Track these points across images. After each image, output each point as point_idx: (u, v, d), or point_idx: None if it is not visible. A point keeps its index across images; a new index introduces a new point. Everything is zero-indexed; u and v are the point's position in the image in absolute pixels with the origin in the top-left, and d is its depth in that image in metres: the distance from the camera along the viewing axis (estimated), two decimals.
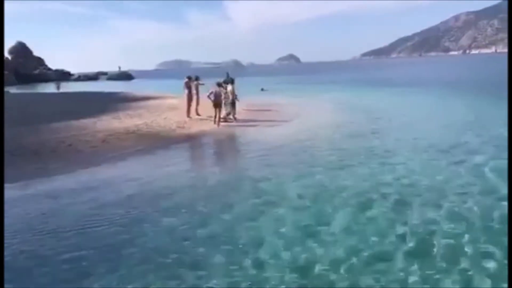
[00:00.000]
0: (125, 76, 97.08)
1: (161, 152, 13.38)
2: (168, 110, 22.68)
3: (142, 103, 26.12)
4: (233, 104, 19.54)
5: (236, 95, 19.75)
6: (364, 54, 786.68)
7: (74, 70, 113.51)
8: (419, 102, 24.88)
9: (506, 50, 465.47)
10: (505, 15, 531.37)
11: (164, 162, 11.90)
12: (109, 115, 20.81)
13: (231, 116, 19.54)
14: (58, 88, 46.94)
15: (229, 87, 19.48)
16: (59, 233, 6.88)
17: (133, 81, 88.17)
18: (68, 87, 56.04)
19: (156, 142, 15.01)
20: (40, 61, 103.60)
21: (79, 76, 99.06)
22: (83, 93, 39.84)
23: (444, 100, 24.62)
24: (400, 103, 24.38)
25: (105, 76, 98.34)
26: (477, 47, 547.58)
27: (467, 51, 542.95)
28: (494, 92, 26.13)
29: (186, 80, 20.76)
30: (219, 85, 18.92)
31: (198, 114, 20.33)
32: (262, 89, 38.60)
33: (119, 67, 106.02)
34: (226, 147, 15.35)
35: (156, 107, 24.06)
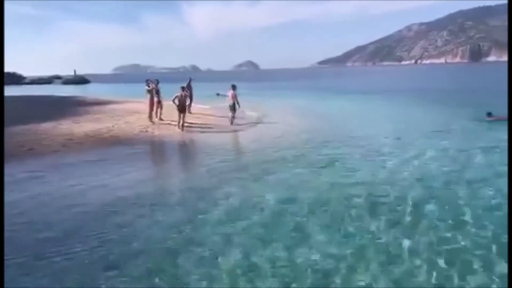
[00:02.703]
0: (81, 80, 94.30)
1: (122, 157, 13.09)
2: (129, 114, 22.36)
3: (102, 108, 25.63)
4: (233, 108, 19.51)
5: (237, 101, 19.59)
6: (321, 62, 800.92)
7: (27, 73, 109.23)
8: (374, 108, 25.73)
9: (454, 60, 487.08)
10: (454, 27, 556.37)
11: (125, 168, 11.64)
12: (69, 119, 20.33)
13: (233, 118, 19.56)
14: None
15: (231, 92, 19.55)
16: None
17: (89, 85, 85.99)
18: (22, 90, 54.02)
19: (118, 146, 14.79)
20: None
21: (33, 80, 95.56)
22: (39, 96, 38.50)
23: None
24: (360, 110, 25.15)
25: (60, 80, 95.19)
26: (428, 57, 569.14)
27: (419, 61, 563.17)
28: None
29: (147, 84, 20.41)
30: (183, 89, 18.86)
31: (161, 119, 20.15)
32: (217, 94, 38.02)
33: (75, 71, 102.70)
34: (189, 152, 15.23)
35: (116, 111, 23.65)
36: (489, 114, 18.46)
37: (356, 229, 6.81)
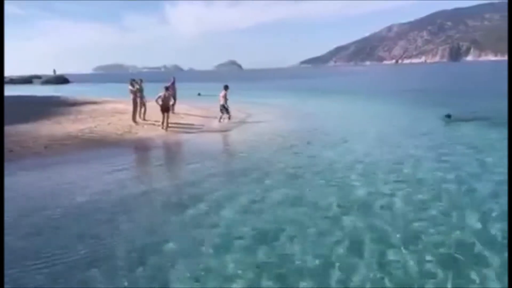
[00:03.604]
0: (61, 79, 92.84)
1: (106, 159, 12.88)
2: (112, 114, 22.03)
3: (84, 108, 25.20)
4: (226, 108, 20.08)
5: (227, 101, 20.11)
6: (303, 62, 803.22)
7: (5, 72, 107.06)
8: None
9: (434, 60, 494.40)
10: (433, 27, 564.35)
11: (108, 169, 11.46)
12: (50, 119, 19.94)
13: (225, 119, 20.15)
14: None
15: (222, 92, 20.04)
16: None
17: (70, 85, 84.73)
18: None
19: (102, 147, 14.61)
20: None
21: (11, 79, 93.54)
22: (18, 96, 37.65)
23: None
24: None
25: (39, 80, 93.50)
26: (409, 57, 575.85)
27: (399, 61, 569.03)
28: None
29: (131, 84, 20.11)
30: (166, 89, 18.70)
31: (144, 119, 19.89)
32: (199, 94, 38.19)
33: (54, 70, 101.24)
34: (172, 152, 15.14)
35: (99, 111, 23.28)
36: (448, 116, 19.02)
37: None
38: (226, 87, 20.23)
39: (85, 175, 10.87)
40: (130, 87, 19.81)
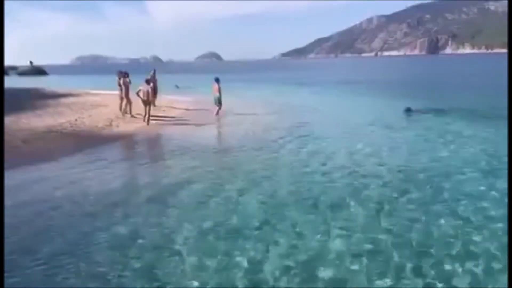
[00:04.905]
0: (38, 71, 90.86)
1: (86, 155, 12.74)
2: (92, 107, 21.78)
3: (63, 100, 24.77)
4: (219, 101, 19.85)
5: (220, 93, 19.87)
6: (284, 54, 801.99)
7: None
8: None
9: (413, 53, 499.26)
10: (413, 20, 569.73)
11: (87, 164, 11.40)
12: (28, 113, 19.54)
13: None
14: None
15: (215, 85, 19.81)
16: None
17: (47, 76, 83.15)
18: None
19: (81, 142, 14.39)
20: None
21: None
22: None
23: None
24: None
25: (15, 71, 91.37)
26: (388, 50, 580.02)
27: (379, 53, 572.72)
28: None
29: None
30: (147, 81, 18.52)
31: (126, 112, 19.60)
32: (177, 86, 37.95)
33: (31, 62, 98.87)
34: (154, 148, 15.05)
35: (79, 104, 22.93)
36: (408, 110, 19.29)
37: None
38: (217, 80, 20.00)
39: (62, 169, 10.81)
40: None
